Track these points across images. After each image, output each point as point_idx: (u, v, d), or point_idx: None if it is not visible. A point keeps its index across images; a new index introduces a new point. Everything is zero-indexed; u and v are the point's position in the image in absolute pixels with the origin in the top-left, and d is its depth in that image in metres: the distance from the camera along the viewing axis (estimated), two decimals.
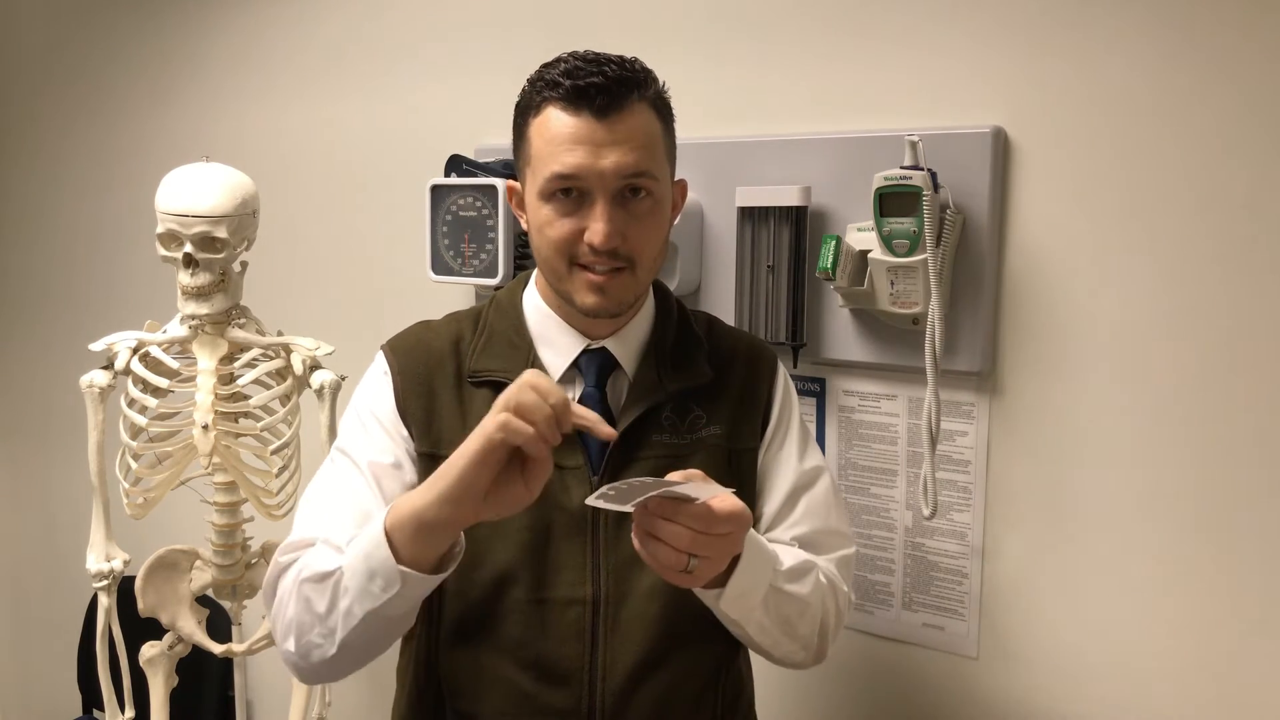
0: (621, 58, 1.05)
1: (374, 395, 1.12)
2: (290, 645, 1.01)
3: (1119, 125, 1.25)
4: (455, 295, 1.78)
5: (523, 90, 1.07)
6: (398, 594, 0.93)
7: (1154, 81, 1.23)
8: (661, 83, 1.08)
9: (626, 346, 1.12)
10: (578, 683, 1.06)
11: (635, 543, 0.92)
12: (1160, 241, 1.24)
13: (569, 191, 1.02)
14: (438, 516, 0.91)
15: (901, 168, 1.28)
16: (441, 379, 1.10)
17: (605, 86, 1.00)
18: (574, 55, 1.05)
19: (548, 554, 1.06)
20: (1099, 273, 1.28)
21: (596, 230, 1.01)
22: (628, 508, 0.88)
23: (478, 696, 1.08)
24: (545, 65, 1.06)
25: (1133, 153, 1.24)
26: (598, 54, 1.04)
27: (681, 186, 1.15)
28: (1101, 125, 1.26)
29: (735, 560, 0.97)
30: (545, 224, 1.04)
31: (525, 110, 1.06)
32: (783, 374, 1.21)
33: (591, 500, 0.89)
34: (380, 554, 0.92)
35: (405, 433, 1.09)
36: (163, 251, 1.52)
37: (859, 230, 1.37)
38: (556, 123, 1.02)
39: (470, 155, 1.67)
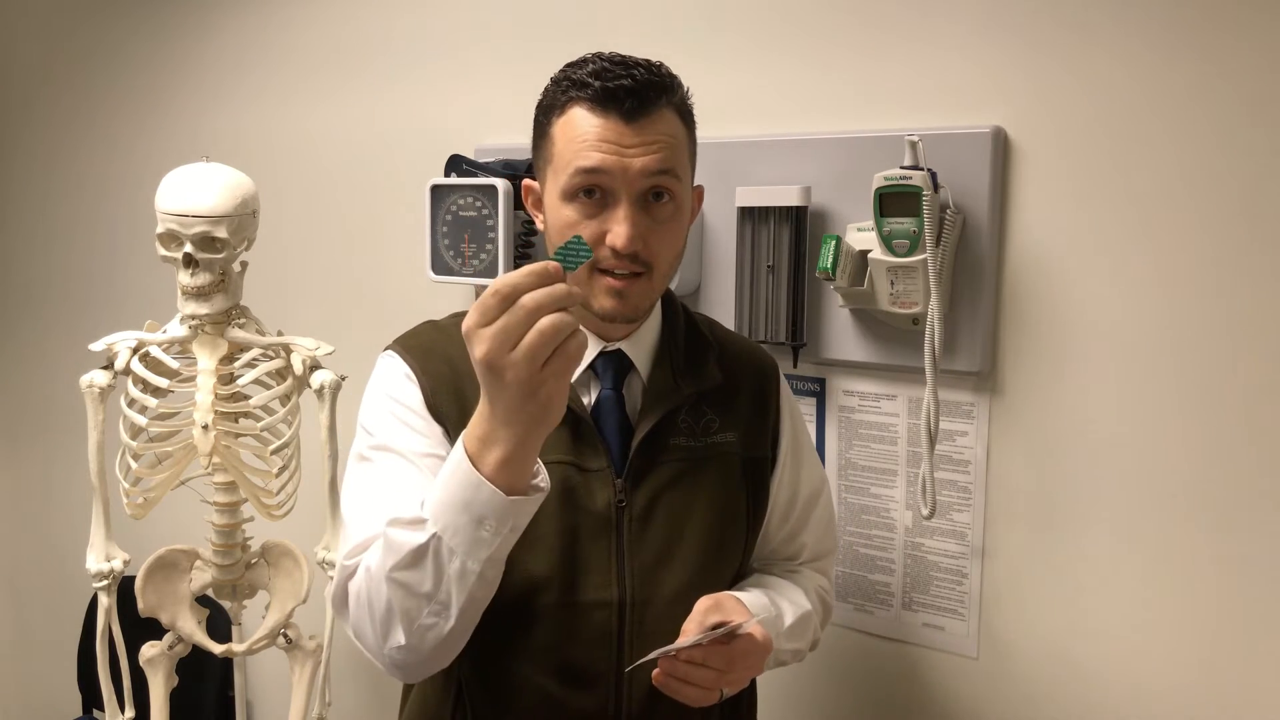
0: (649, 61, 1.04)
1: (401, 395, 1.08)
2: (399, 639, 0.95)
3: (1119, 125, 1.25)
4: (455, 295, 1.78)
5: (546, 90, 1.06)
6: (511, 528, 0.91)
7: (1153, 81, 1.23)
8: (686, 89, 1.07)
9: (641, 349, 1.12)
10: (605, 686, 1.06)
11: (659, 685, 0.98)
12: (1160, 241, 1.24)
13: (592, 193, 1.01)
14: (529, 432, 0.87)
15: (901, 168, 1.28)
16: (469, 381, 1.04)
17: (634, 90, 1.00)
18: (600, 56, 1.04)
19: (575, 557, 1.05)
20: (1099, 272, 1.28)
21: (619, 233, 1.00)
22: (655, 656, 0.96)
23: (504, 703, 1.07)
24: (570, 65, 1.05)
25: (1132, 152, 1.25)
26: (625, 57, 1.04)
27: (699, 192, 1.14)
28: (1101, 125, 1.26)
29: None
30: (567, 226, 1.02)
31: (549, 109, 1.05)
32: (784, 383, 1.23)
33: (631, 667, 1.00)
34: (483, 495, 0.88)
35: (440, 431, 1.06)
36: (162, 251, 1.52)
37: (859, 230, 1.37)
38: (583, 122, 1.01)
39: (470, 155, 1.67)
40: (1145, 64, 1.23)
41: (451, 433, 1.05)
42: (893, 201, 1.28)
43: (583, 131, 1.00)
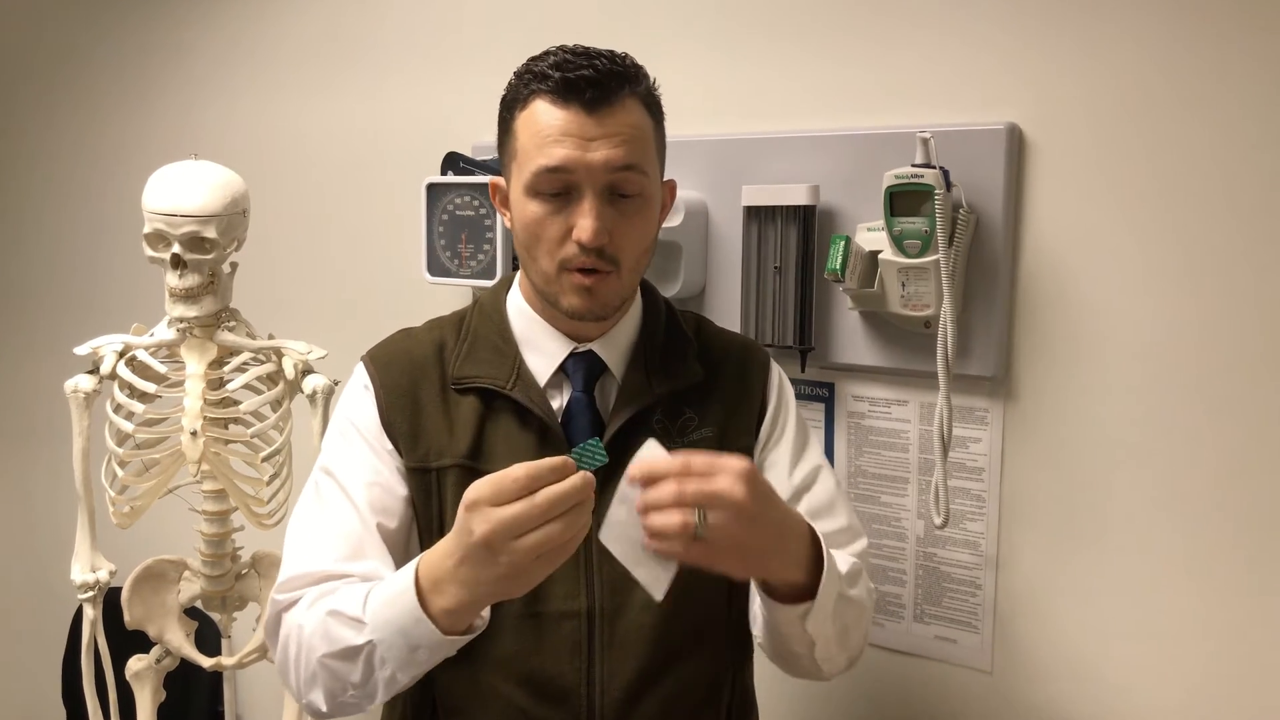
0: (612, 52, 1.05)
1: (356, 410, 1.12)
2: (320, 705, 1.02)
3: (1138, 120, 1.25)
4: (452, 297, 1.78)
5: (509, 84, 1.08)
6: (445, 655, 0.96)
7: (1175, 73, 1.22)
8: (653, 79, 1.08)
9: (614, 348, 1.12)
10: (575, 698, 1.07)
11: (650, 544, 0.90)
12: (1181, 240, 1.24)
13: (556, 189, 1.02)
14: (489, 598, 0.93)
15: (913, 165, 1.28)
16: (427, 389, 1.11)
17: (595, 80, 1.01)
18: (563, 48, 1.05)
19: None
20: (1117, 273, 1.28)
21: (584, 227, 1.01)
22: (619, 512, 0.90)
23: (474, 714, 1.09)
24: (533, 58, 1.06)
25: (1153, 148, 1.24)
26: (588, 48, 1.05)
27: (670, 187, 1.15)
28: (1120, 120, 1.26)
29: (817, 574, 0.97)
30: (532, 222, 1.04)
31: (512, 104, 1.06)
32: (776, 372, 1.21)
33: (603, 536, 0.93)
34: (422, 630, 0.93)
35: (391, 448, 1.10)
36: (150, 252, 1.52)
37: (869, 230, 1.37)
38: (544, 115, 1.02)
39: (467, 153, 1.66)
40: (1166, 55, 1.22)
41: (401, 450, 1.09)
42: (904, 200, 1.28)
43: (544, 125, 1.01)
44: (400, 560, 1.07)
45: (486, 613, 0.97)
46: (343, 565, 1.05)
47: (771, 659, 1.12)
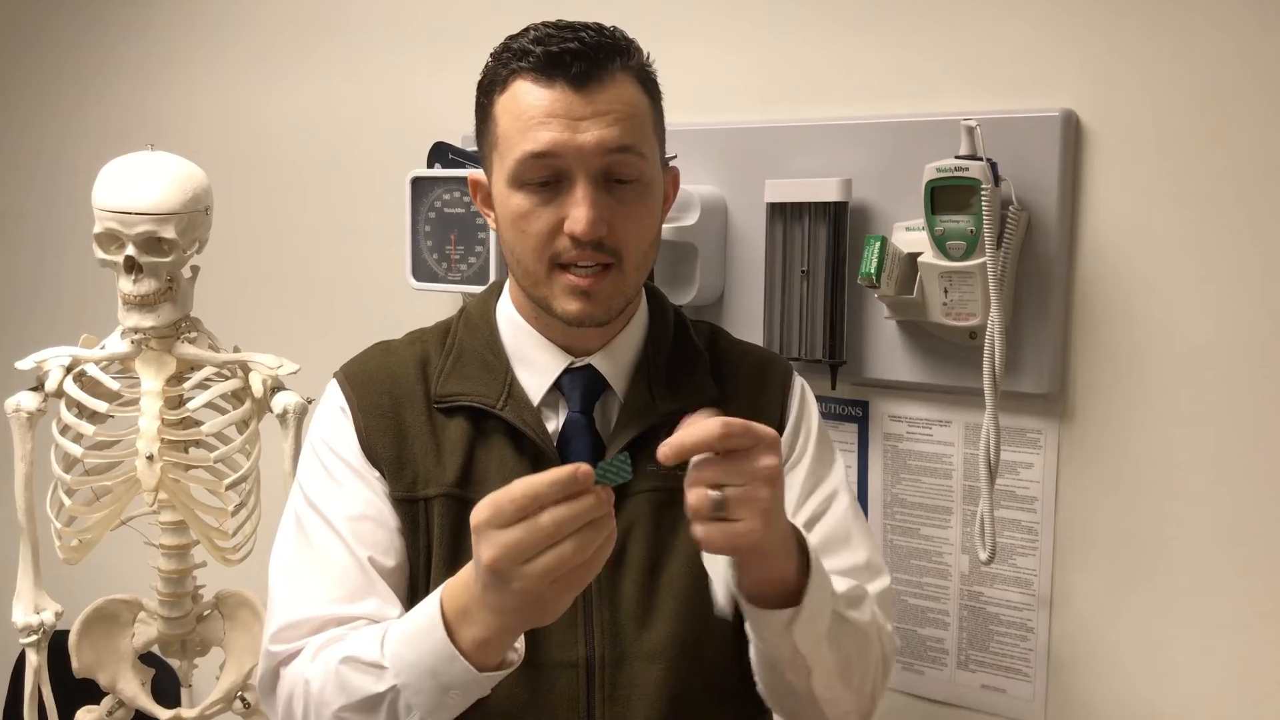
0: (600, 24, 1.03)
1: (334, 436, 1.09)
2: None
3: (1207, 106, 1.22)
4: (439, 305, 1.74)
5: (486, 66, 1.05)
6: (477, 694, 0.93)
7: (1247, 55, 1.19)
8: (646, 54, 1.06)
9: (616, 362, 1.10)
10: None
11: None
12: (1256, 240, 1.21)
13: (544, 177, 1.00)
14: (519, 625, 0.91)
15: (957, 157, 1.26)
16: (410, 410, 1.09)
17: (581, 52, 0.98)
18: (544, 23, 1.03)
19: None
20: (1184, 277, 1.25)
21: (578, 217, 0.98)
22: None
23: None
24: (511, 36, 1.04)
25: (1223, 138, 1.21)
26: (571, 21, 1.03)
27: (673, 175, 1.13)
28: (1187, 106, 1.23)
29: (805, 579, 0.93)
30: (518, 217, 1.01)
31: (490, 88, 1.04)
32: (799, 387, 1.18)
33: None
34: (456, 669, 0.90)
35: (377, 473, 1.07)
36: (101, 254, 1.49)
37: (908, 230, 1.35)
38: (527, 96, 1.00)
39: (456, 143, 1.65)
40: (1238, 33, 1.19)
41: (387, 475, 1.07)
42: (947, 196, 1.26)
43: (527, 106, 0.99)
44: (405, 604, 1.04)
45: (521, 645, 0.94)
46: (343, 608, 1.02)
47: (772, 706, 1.08)
